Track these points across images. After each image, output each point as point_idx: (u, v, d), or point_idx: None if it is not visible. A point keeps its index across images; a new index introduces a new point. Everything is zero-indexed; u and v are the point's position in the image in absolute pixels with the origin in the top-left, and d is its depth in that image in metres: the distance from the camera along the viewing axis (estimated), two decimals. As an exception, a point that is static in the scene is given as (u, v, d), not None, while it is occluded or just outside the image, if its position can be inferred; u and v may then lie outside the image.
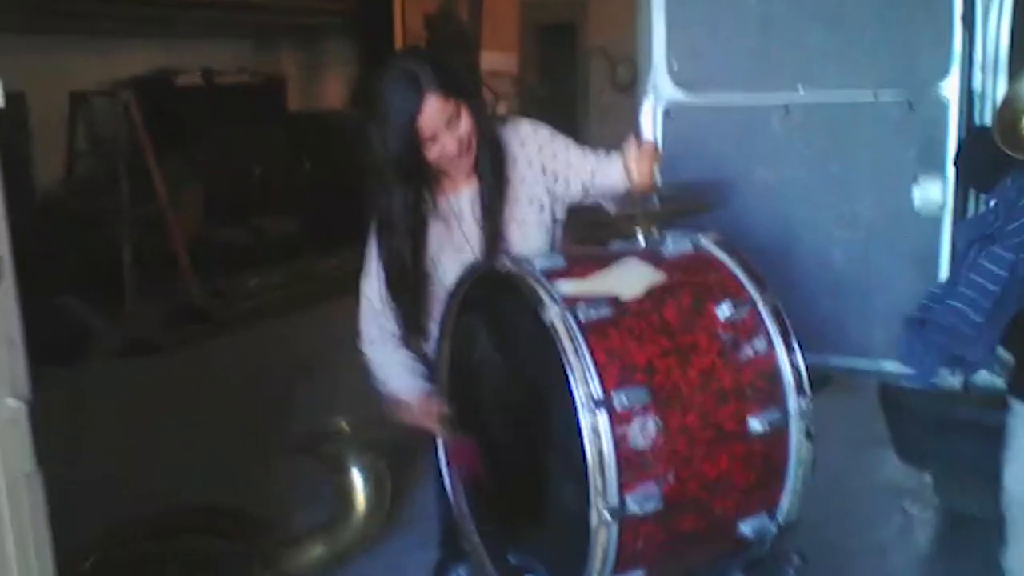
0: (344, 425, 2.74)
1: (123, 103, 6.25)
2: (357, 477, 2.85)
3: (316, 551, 2.90)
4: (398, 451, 2.97)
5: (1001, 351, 2.36)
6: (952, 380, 2.41)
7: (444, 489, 2.06)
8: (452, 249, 2.14)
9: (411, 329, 2.16)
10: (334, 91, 10.12)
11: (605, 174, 2.18)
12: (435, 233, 2.13)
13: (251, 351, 5.75)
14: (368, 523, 2.90)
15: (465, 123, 2.00)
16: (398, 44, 8.60)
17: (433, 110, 1.95)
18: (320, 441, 2.83)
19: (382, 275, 2.17)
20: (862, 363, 2.49)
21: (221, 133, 8.21)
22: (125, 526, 3.12)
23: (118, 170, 6.20)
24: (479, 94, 2.15)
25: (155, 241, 6.79)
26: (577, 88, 10.44)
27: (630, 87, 9.18)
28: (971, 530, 3.00)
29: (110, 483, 3.54)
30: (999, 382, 2.22)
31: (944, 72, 2.35)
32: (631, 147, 2.07)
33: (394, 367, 2.18)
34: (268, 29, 9.19)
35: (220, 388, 4.92)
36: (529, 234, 2.15)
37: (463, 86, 2.03)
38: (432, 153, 2.00)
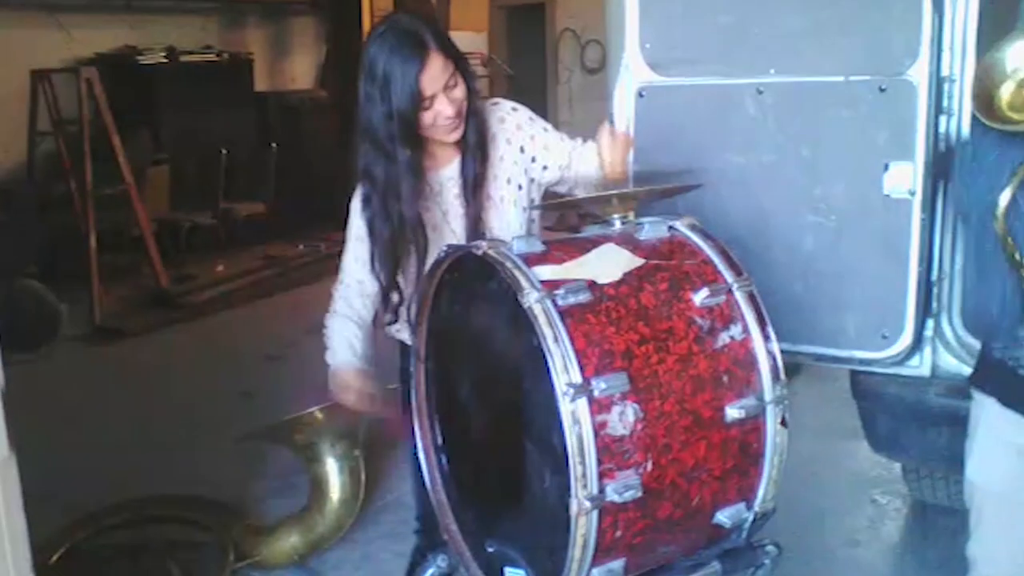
0: (318, 414, 2.71)
1: (86, 81, 6.13)
2: (332, 467, 2.84)
3: (290, 540, 2.89)
4: (372, 440, 2.95)
5: (969, 338, 2.38)
6: (921, 368, 2.43)
7: (421, 478, 2.04)
8: (430, 228, 2.12)
9: (391, 303, 2.13)
10: (302, 72, 10.01)
11: (580, 161, 2.18)
12: None
13: (219, 338, 5.69)
14: (343, 513, 2.89)
15: (460, 88, 2.00)
16: (366, 23, 8.50)
17: (436, 69, 1.93)
18: (294, 430, 2.80)
19: (359, 250, 2.14)
20: (833, 351, 2.49)
21: (186, 113, 8.10)
22: (94, 516, 3.09)
23: (81, 150, 6.09)
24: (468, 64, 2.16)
25: (120, 224, 6.70)
26: (547, 70, 10.40)
27: (599, 69, 9.23)
28: (941, 520, 3.05)
29: (76, 472, 3.50)
30: (967, 369, 2.24)
31: (913, 55, 2.35)
32: (603, 135, 2.07)
33: (337, 335, 2.16)
34: (234, 7, 9.06)
35: (188, 375, 4.87)
36: (506, 213, 2.15)
37: (457, 51, 2.01)
38: (427, 117, 1.97)
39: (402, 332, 2.22)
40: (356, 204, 2.14)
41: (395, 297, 2.13)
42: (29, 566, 1.55)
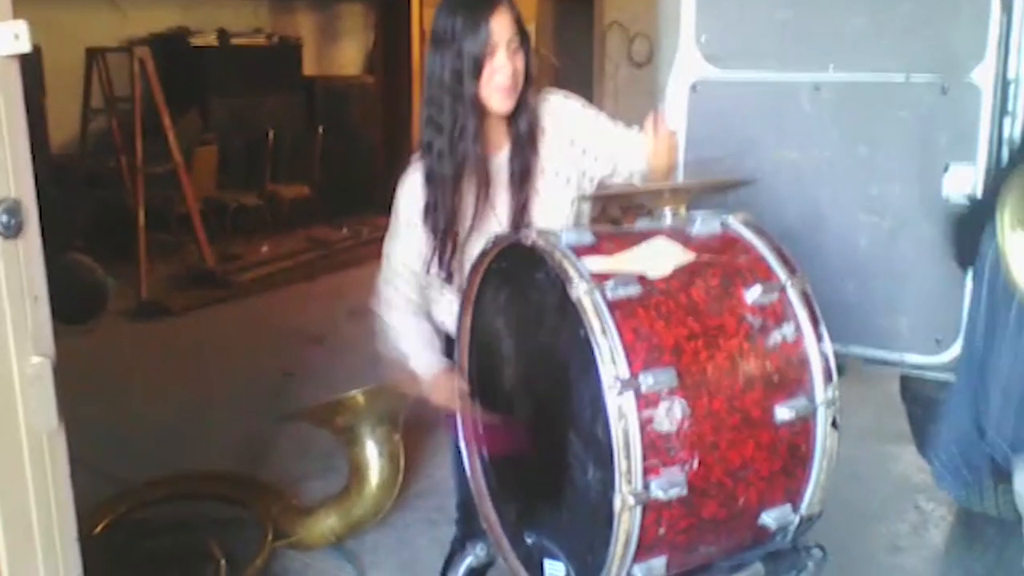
0: (360, 398, 2.72)
1: (139, 60, 6.21)
2: (371, 450, 2.85)
3: (328, 522, 2.90)
4: (411, 425, 2.96)
5: None
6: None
7: (462, 466, 2.03)
8: (476, 215, 2.10)
9: (445, 257, 2.12)
10: (350, 57, 10.05)
11: (632, 151, 2.15)
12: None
13: (262, 318, 5.74)
14: (381, 496, 2.90)
15: (521, 59, 2.01)
16: (415, 10, 8.51)
17: (505, 21, 1.97)
18: (335, 412, 2.81)
19: (412, 238, 2.13)
20: (884, 353, 2.44)
21: (235, 95, 8.18)
22: (137, 490, 3.13)
23: (132, 128, 6.17)
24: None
25: (168, 202, 6.79)
26: (593, 63, 10.32)
27: (646, 63, 9.13)
28: (987, 530, 3.00)
29: (117, 445, 3.55)
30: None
31: (979, 57, 2.29)
32: (648, 132, 2.06)
33: (414, 337, 2.16)
34: (285, -9, 9.13)
35: (231, 354, 4.92)
36: (552, 207, 2.13)
37: (524, 27, 2.03)
38: (487, 70, 1.97)
39: (447, 323, 2.21)
40: (405, 189, 2.13)
41: (449, 249, 2.10)
42: (74, 536, 1.57)
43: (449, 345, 2.18)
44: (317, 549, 2.94)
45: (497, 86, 1.98)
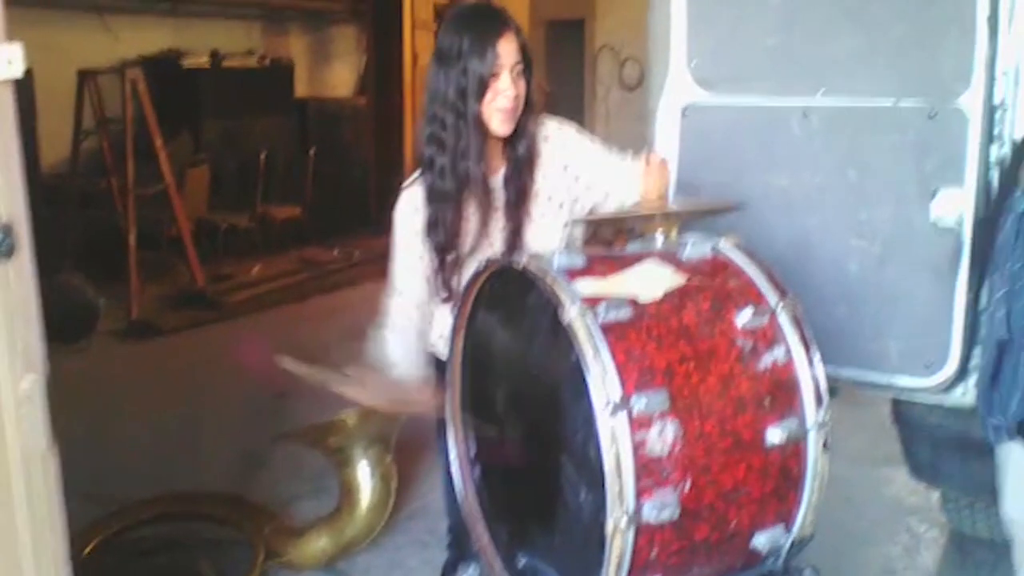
0: (351, 418, 2.72)
1: (131, 82, 6.22)
2: (363, 472, 2.85)
3: (320, 543, 2.90)
4: (403, 446, 2.96)
5: None
6: (965, 397, 2.39)
7: (453, 489, 2.03)
8: (469, 238, 2.12)
9: (445, 276, 2.13)
10: (342, 79, 10.10)
11: (624, 181, 2.17)
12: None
13: (253, 338, 5.72)
14: (372, 518, 2.89)
15: (522, 85, 2.03)
16: (407, 33, 8.55)
17: (511, 45, 1.99)
18: (326, 433, 2.81)
19: (409, 260, 2.14)
20: (875, 376, 2.45)
21: (227, 116, 8.21)
22: (127, 511, 3.11)
23: (124, 149, 6.18)
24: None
25: (159, 223, 6.79)
26: (584, 86, 10.38)
27: (637, 86, 9.18)
28: (979, 552, 2.99)
29: (107, 466, 3.53)
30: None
31: (966, 82, 2.31)
32: (641, 163, 2.08)
33: (403, 347, 2.17)
34: (277, 14, 9.17)
35: (222, 374, 4.89)
36: (544, 231, 2.14)
37: (528, 53, 2.05)
38: (489, 94, 1.99)
39: (438, 346, 2.21)
40: (400, 210, 2.14)
41: (449, 267, 2.11)
42: (66, 557, 1.56)
43: (441, 368, 2.19)
44: (309, 570, 2.93)
45: (498, 108, 2.00)
